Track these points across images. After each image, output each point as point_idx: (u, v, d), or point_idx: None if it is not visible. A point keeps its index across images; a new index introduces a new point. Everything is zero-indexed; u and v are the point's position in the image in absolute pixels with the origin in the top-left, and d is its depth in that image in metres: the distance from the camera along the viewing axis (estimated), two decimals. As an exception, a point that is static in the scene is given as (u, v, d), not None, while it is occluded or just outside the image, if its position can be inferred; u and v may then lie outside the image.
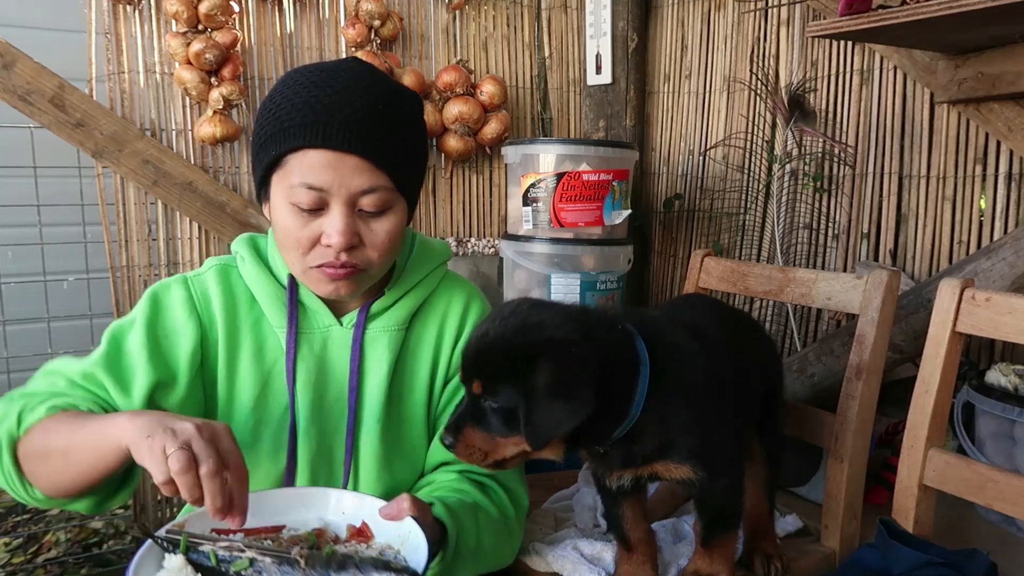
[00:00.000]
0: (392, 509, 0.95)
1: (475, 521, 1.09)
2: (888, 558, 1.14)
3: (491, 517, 1.14)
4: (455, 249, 2.39)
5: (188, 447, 0.80)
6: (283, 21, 2.14)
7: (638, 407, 0.98)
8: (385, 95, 1.03)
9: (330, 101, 0.99)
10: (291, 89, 1.02)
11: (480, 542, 1.09)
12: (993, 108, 1.65)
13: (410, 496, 0.96)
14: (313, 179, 0.99)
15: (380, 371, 1.14)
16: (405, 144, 1.05)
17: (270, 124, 1.02)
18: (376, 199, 1.02)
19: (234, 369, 1.12)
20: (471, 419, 0.97)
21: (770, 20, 2.12)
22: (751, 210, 2.14)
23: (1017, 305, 1.14)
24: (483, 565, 1.12)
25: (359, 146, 0.99)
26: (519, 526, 1.20)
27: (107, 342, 1.08)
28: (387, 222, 1.05)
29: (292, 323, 1.12)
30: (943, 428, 1.25)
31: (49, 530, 2.17)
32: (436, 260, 1.22)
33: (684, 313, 1.27)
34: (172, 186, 2.00)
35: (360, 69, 1.05)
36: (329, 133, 0.98)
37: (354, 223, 1.02)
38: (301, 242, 1.03)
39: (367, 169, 1.00)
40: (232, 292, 1.14)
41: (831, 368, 1.69)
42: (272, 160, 1.02)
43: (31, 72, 1.84)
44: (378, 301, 1.15)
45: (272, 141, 1.01)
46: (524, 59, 2.48)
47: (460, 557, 1.05)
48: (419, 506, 0.96)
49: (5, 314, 1.99)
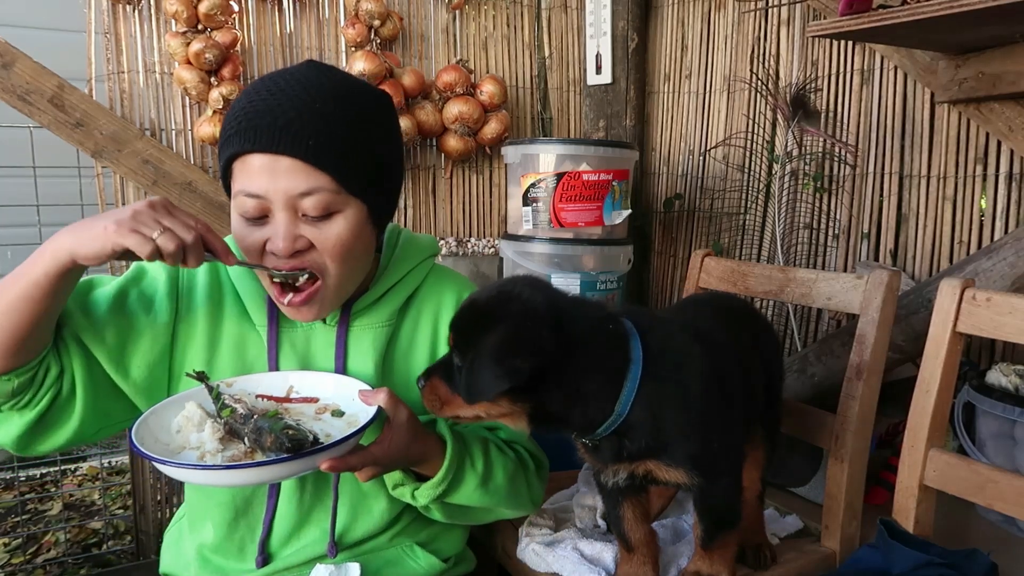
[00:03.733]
0: (368, 394, 1.02)
1: (483, 449, 1.13)
2: (888, 558, 1.14)
3: (506, 455, 1.17)
4: (455, 249, 2.39)
5: (163, 227, 0.90)
6: (283, 21, 2.14)
7: (625, 405, 0.98)
8: (329, 94, 1.00)
9: (264, 105, 0.98)
10: (238, 99, 1.03)
11: (491, 470, 1.12)
12: (994, 108, 1.65)
13: (389, 391, 1.02)
14: (250, 185, 0.99)
15: (366, 369, 1.14)
16: (353, 143, 1.00)
17: (220, 135, 1.03)
18: (317, 201, 0.99)
19: (214, 358, 1.12)
20: (441, 369, 1.01)
21: (770, 20, 2.12)
22: (751, 210, 2.14)
23: (1018, 305, 1.14)
24: (498, 499, 1.15)
25: (289, 146, 0.96)
26: (538, 480, 1.23)
27: (80, 282, 1.08)
28: (335, 226, 1.01)
29: (272, 321, 1.12)
30: (943, 428, 1.25)
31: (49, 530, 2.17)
32: (421, 255, 1.21)
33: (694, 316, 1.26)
34: (172, 186, 2.00)
35: (306, 70, 1.03)
36: (259, 135, 0.97)
37: (295, 227, 1.00)
38: (251, 251, 1.03)
39: (302, 170, 0.98)
40: (219, 283, 1.14)
41: (831, 368, 1.69)
42: (222, 171, 1.04)
43: (31, 72, 1.84)
44: (361, 298, 1.14)
45: (220, 151, 1.03)
46: (524, 59, 2.48)
47: (465, 476, 1.09)
48: (394, 402, 1.01)
49: (5, 314, 1.98)
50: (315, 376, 1.12)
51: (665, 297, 2.50)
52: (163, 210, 0.92)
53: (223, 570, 1.16)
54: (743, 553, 1.26)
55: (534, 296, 0.98)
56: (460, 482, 1.10)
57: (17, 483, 2.50)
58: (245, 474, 0.93)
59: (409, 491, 1.10)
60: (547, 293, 1.00)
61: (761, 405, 1.24)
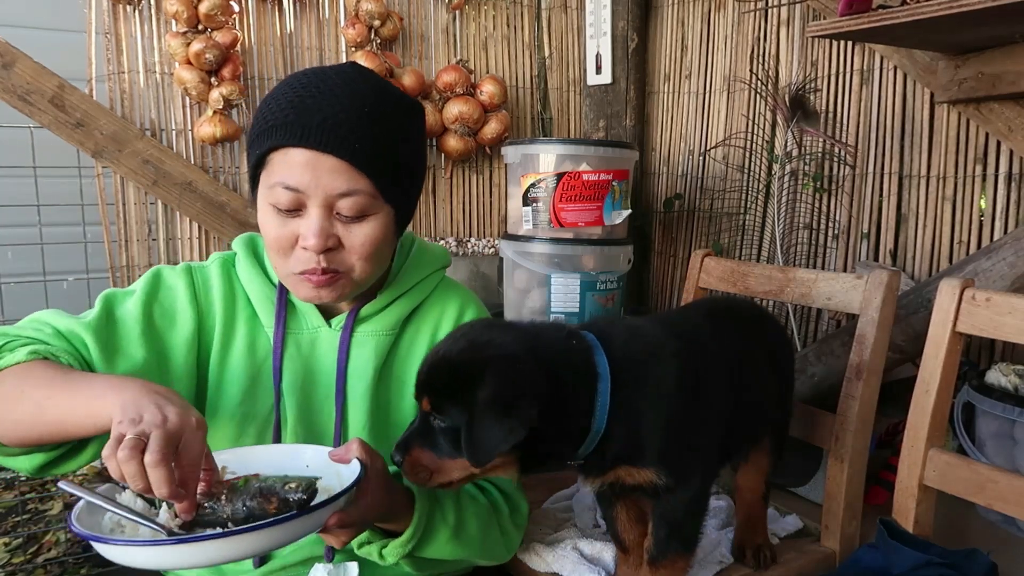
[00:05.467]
0: (341, 451, 0.96)
1: (455, 499, 1.09)
2: (888, 558, 1.14)
3: (478, 503, 1.13)
4: (455, 249, 2.39)
5: (144, 436, 0.78)
6: (283, 21, 2.14)
7: (601, 421, 0.96)
8: (374, 99, 1.01)
9: (313, 101, 0.98)
10: (281, 90, 1.02)
11: (463, 522, 1.08)
12: (993, 108, 1.65)
13: (361, 441, 0.96)
14: (290, 179, 0.98)
15: (365, 375, 1.13)
16: (392, 152, 1.02)
17: (258, 124, 1.02)
18: (354, 203, 1.00)
19: (226, 360, 1.12)
20: (420, 437, 0.95)
21: (770, 20, 2.12)
22: (751, 210, 2.14)
23: (1017, 305, 1.14)
24: (471, 551, 1.11)
25: (337, 147, 0.97)
26: (515, 527, 1.18)
27: (100, 306, 1.07)
28: (367, 228, 1.02)
29: (280, 323, 1.12)
30: (943, 428, 1.25)
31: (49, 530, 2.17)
32: (433, 266, 1.21)
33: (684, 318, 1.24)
34: (172, 186, 2.01)
35: (353, 72, 1.04)
36: (308, 132, 0.97)
37: (330, 226, 1.00)
38: (280, 243, 1.02)
39: (345, 171, 0.98)
40: (231, 286, 1.14)
41: (831, 368, 1.69)
42: (257, 159, 1.02)
43: (31, 72, 1.84)
44: (368, 304, 1.14)
45: (257, 140, 1.02)
46: (524, 59, 2.48)
47: (436, 530, 1.04)
48: (368, 451, 0.95)
49: (5, 314, 1.98)
50: (248, 452, 1.02)
51: (665, 297, 2.50)
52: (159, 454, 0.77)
53: (221, 570, 1.16)
54: (743, 553, 1.26)
55: (504, 337, 0.94)
56: (431, 536, 1.05)
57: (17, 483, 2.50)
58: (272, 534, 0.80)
59: (376, 549, 1.04)
60: (512, 331, 0.97)
61: (765, 409, 1.24)
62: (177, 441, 0.80)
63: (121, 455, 0.76)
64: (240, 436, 1.12)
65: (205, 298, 1.12)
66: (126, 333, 1.06)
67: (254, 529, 0.78)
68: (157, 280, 1.12)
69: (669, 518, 1.05)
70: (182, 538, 0.80)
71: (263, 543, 0.80)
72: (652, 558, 1.07)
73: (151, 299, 1.10)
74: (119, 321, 1.07)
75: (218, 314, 1.12)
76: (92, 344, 1.02)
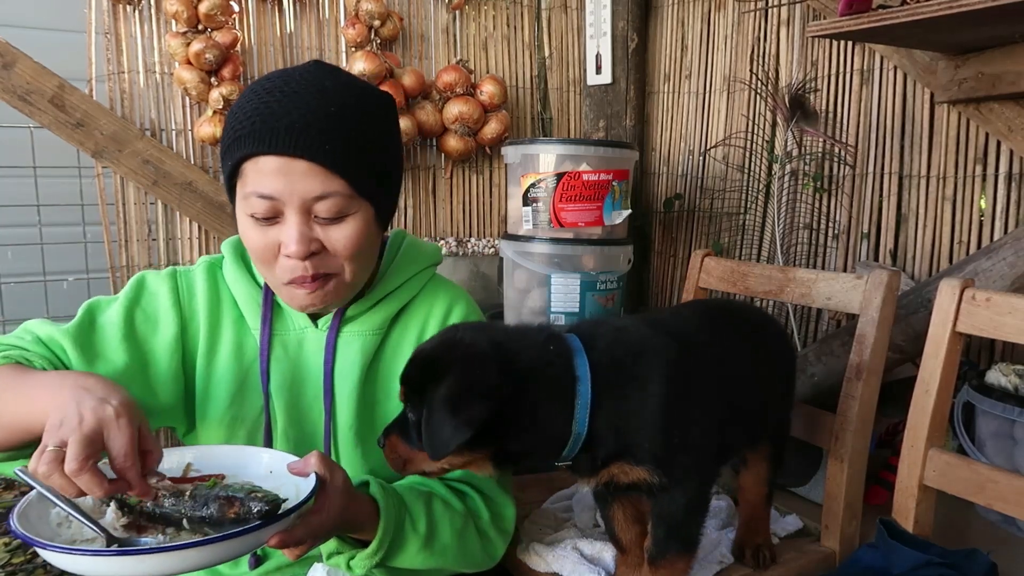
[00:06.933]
0: (299, 464, 0.95)
1: (426, 506, 1.07)
2: (888, 558, 1.14)
3: (453, 510, 1.11)
4: (455, 249, 2.39)
5: (63, 444, 0.76)
6: (283, 21, 2.15)
7: (582, 424, 0.96)
8: (340, 97, 0.99)
9: (279, 105, 0.96)
10: (246, 97, 1.00)
11: (435, 531, 1.06)
12: (993, 108, 1.65)
13: (319, 454, 0.95)
14: (264, 187, 0.97)
15: (352, 375, 1.12)
16: (364, 148, 1.00)
17: (227, 135, 1.01)
18: (331, 204, 0.98)
19: (213, 363, 1.12)
20: (398, 427, 0.99)
21: (770, 20, 2.12)
22: (751, 210, 2.14)
23: (1017, 305, 1.14)
24: (446, 559, 1.09)
25: (307, 150, 0.95)
26: (498, 533, 1.15)
27: (82, 313, 1.08)
28: (347, 228, 1.01)
29: (266, 325, 1.11)
30: (943, 428, 1.25)
31: (49, 530, 2.17)
32: (422, 263, 1.20)
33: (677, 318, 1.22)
34: (172, 186, 2.01)
35: (316, 72, 1.02)
36: (276, 138, 0.95)
37: (310, 230, 0.99)
38: (263, 253, 1.02)
39: (318, 174, 0.97)
40: (217, 289, 1.14)
41: (831, 368, 1.69)
42: (230, 171, 1.01)
43: (31, 72, 1.84)
44: (355, 304, 1.13)
45: (228, 152, 1.00)
46: (524, 59, 2.48)
47: (405, 540, 1.03)
48: (328, 465, 0.94)
49: (5, 314, 1.99)
50: (217, 450, 1.01)
51: (665, 297, 2.50)
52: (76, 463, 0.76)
53: (218, 571, 1.16)
54: (743, 552, 1.27)
55: (476, 338, 0.96)
56: (401, 546, 1.04)
57: (17, 483, 2.50)
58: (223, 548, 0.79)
59: (344, 560, 1.03)
60: (489, 332, 0.98)
61: (765, 410, 1.24)
62: (98, 439, 0.78)
63: (41, 471, 0.76)
64: (230, 439, 1.11)
65: (189, 302, 1.12)
66: (106, 338, 1.06)
67: (193, 546, 0.77)
68: (140, 286, 1.12)
69: (668, 518, 1.05)
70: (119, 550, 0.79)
71: (204, 558, 0.79)
72: (652, 558, 1.07)
73: (133, 305, 1.09)
74: (100, 327, 1.06)
75: (203, 318, 1.11)
76: (71, 349, 1.02)
